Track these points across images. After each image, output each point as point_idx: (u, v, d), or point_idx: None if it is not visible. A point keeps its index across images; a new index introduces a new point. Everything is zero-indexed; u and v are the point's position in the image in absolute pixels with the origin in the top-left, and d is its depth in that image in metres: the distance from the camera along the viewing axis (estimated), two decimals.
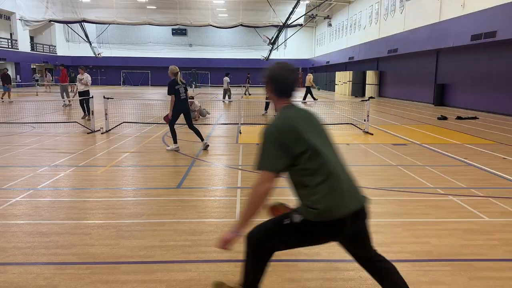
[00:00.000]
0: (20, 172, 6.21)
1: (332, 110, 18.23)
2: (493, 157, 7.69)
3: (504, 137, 10.24)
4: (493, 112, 16.85)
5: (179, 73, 7.87)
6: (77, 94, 13.72)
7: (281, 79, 2.26)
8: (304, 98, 21.03)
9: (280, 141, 2.08)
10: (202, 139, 8.19)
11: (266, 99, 16.22)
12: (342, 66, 39.25)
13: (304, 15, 36.87)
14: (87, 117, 13.10)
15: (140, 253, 3.45)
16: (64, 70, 17.44)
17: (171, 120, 7.89)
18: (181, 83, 7.84)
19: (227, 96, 21.66)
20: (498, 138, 10.14)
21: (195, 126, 8.32)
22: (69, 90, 18.83)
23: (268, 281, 2.99)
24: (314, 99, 20.76)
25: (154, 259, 3.33)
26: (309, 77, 21.41)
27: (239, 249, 3.53)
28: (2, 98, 19.90)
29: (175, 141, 8.07)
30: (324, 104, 22.15)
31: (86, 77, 13.30)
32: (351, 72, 32.81)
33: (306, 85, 21.24)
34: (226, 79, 22.11)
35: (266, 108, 15.36)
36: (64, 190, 5.31)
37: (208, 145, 8.26)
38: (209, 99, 24.33)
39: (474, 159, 7.44)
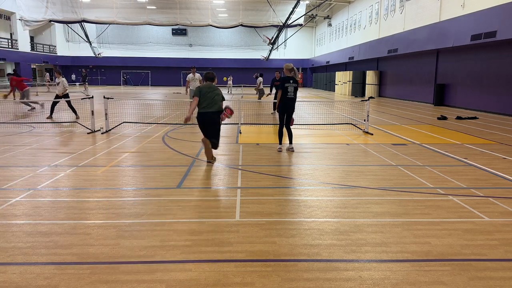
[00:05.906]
0: (20, 172, 6.21)
1: (332, 110, 18.23)
2: (493, 157, 7.69)
3: (504, 137, 10.24)
4: (493, 112, 16.86)
5: (293, 70, 7.84)
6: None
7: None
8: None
9: None
10: (290, 142, 8.11)
11: (275, 99, 16.07)
12: (342, 66, 39.26)
13: (304, 15, 36.91)
14: (51, 119, 13.20)
15: (140, 253, 3.45)
16: (15, 78, 16.09)
17: (279, 120, 7.99)
18: (292, 83, 7.75)
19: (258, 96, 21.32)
20: (498, 138, 10.14)
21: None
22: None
23: (268, 281, 2.99)
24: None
25: (154, 259, 3.33)
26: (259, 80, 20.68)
27: (239, 249, 3.55)
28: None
29: (280, 141, 8.11)
30: (324, 104, 22.15)
31: (63, 81, 13.10)
32: (351, 72, 32.83)
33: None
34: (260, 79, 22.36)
35: (275, 108, 15.31)
36: (64, 190, 5.31)
37: (281, 150, 8.00)
38: None
39: (474, 159, 7.45)
